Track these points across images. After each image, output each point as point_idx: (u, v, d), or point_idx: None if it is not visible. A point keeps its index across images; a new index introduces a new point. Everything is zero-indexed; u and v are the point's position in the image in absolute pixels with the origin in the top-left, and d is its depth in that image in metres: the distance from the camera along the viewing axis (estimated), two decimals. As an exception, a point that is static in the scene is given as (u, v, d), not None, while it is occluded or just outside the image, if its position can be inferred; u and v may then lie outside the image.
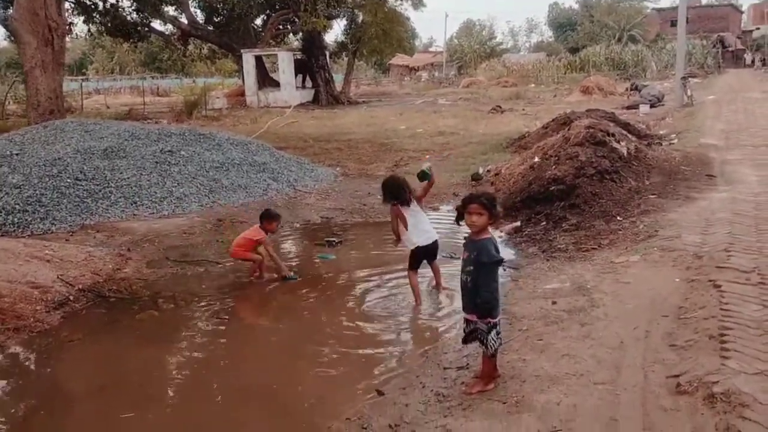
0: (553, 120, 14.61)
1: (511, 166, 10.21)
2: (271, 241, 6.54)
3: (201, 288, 6.18)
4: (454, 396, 3.79)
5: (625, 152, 9.25)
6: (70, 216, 8.34)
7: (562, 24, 77.66)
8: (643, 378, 3.63)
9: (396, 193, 5.59)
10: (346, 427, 3.62)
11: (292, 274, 6.37)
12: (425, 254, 5.66)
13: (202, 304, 5.75)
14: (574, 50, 61.97)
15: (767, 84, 31.00)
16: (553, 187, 7.92)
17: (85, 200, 8.69)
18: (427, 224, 5.74)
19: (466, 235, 3.93)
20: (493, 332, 3.71)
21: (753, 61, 56.83)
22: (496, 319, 3.75)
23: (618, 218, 7.16)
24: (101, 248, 7.20)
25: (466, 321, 3.85)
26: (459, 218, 3.82)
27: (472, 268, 3.70)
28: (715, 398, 3.23)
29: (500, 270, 4.15)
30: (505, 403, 3.58)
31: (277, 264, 6.39)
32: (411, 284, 5.58)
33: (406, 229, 5.58)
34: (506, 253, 6.29)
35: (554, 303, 5.01)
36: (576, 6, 77.43)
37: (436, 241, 5.70)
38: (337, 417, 3.73)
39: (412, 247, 5.60)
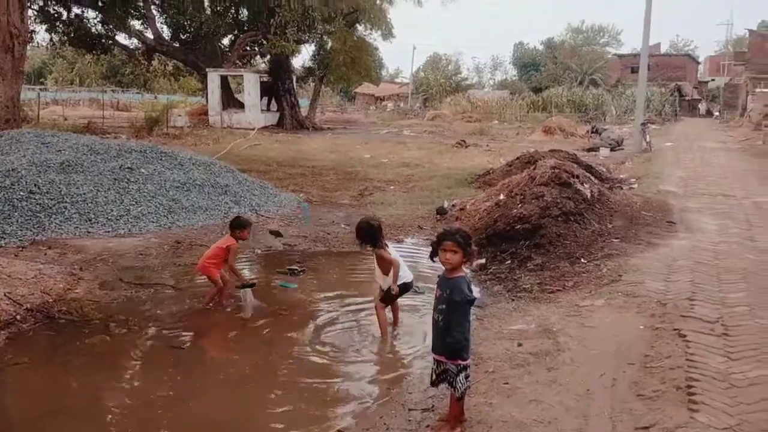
0: (517, 158, 14.77)
1: (477, 202, 10.23)
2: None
3: (156, 313, 5.93)
4: (418, 440, 3.67)
5: (588, 194, 9.35)
6: (21, 230, 8.00)
7: (526, 64, 79.38)
8: (612, 428, 3.58)
9: (375, 238, 5.43)
10: (305, 469, 3.46)
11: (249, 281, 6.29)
12: (404, 292, 5.56)
13: (156, 330, 5.52)
14: (537, 90, 63.33)
15: (721, 134, 32.14)
16: (518, 226, 7.93)
17: (38, 214, 8.35)
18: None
19: (439, 273, 3.85)
20: (462, 374, 3.62)
21: (708, 111, 58.93)
22: (467, 361, 3.66)
23: (582, 260, 7.18)
24: (52, 266, 6.89)
25: (436, 362, 3.75)
26: (433, 254, 3.75)
27: (444, 306, 3.62)
28: (685, 453, 3.19)
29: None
30: (471, 449, 3.48)
31: (237, 275, 6.25)
32: (379, 318, 5.46)
33: (388, 271, 5.44)
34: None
35: (520, 345, 4.95)
36: (540, 47, 79.37)
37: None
38: (297, 458, 3.57)
39: (400, 282, 5.45)
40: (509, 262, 7.43)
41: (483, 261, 7.38)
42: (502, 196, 9.41)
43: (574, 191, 9.08)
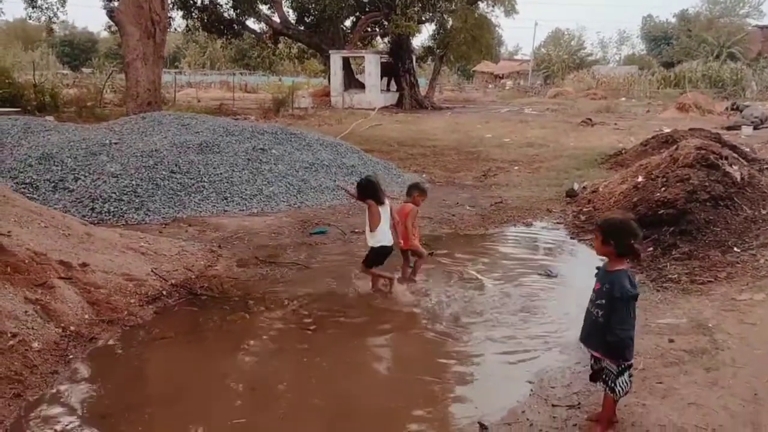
0: (653, 137, 13.91)
1: (611, 184, 9.68)
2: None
3: (290, 291, 6.01)
4: (566, 439, 3.47)
5: (738, 177, 8.58)
6: (164, 208, 8.44)
7: (656, 37, 74.77)
8: (790, 441, 3.21)
9: (372, 192, 5.77)
10: (448, 461, 3.36)
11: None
12: (384, 255, 5.87)
13: (291, 309, 5.58)
14: (668, 65, 59.59)
15: None
16: (662, 211, 7.41)
17: (178, 193, 8.78)
18: (388, 228, 5.89)
19: (599, 264, 3.61)
20: (625, 375, 3.36)
21: None
22: (630, 361, 3.39)
23: (735, 249, 6.60)
24: (193, 243, 7.21)
25: (594, 357, 3.51)
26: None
27: (603, 301, 3.36)
28: None
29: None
30: (626, 454, 3.24)
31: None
32: (366, 273, 5.91)
33: (376, 228, 5.78)
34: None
35: (671, 341, 4.60)
36: (673, 20, 74.48)
37: (391, 248, 5.92)
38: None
39: (377, 245, 5.81)
40: (651, 249, 6.95)
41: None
42: (640, 179, 8.84)
43: (723, 173, 8.36)
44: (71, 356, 4.47)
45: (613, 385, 3.38)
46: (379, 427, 3.84)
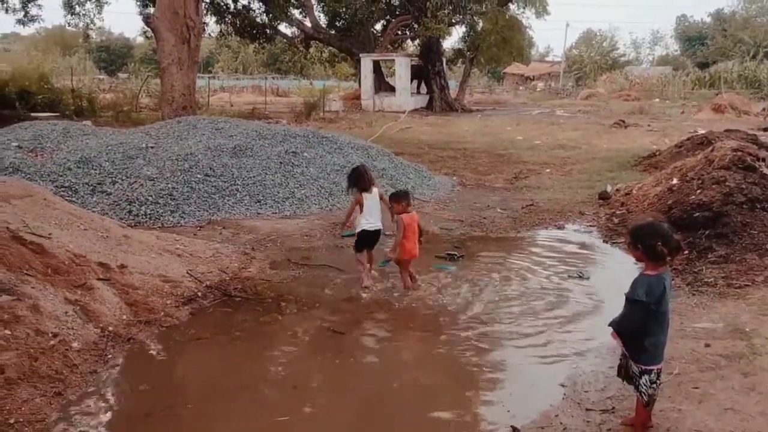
0: (687, 139, 13.71)
1: (644, 187, 9.57)
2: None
3: (322, 294, 6.08)
4: (600, 444, 3.46)
5: (776, 180, 8.42)
6: (199, 211, 8.58)
7: (690, 37, 73.58)
8: (831, 449, 3.15)
9: (357, 181, 6.24)
10: (481, 464, 3.37)
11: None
12: (368, 239, 6.25)
13: (323, 312, 5.62)
14: (703, 65, 58.54)
15: None
16: (697, 213, 7.30)
17: (212, 196, 8.92)
18: (377, 215, 6.26)
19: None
20: (645, 377, 3.36)
21: None
22: (650, 367, 3.38)
23: (773, 253, 6.48)
24: (227, 245, 7.32)
25: (623, 353, 3.55)
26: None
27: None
28: None
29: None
30: (661, 459, 3.21)
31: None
32: (357, 262, 6.27)
33: (362, 213, 6.21)
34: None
35: (708, 345, 4.54)
36: (707, 19, 73.18)
37: (379, 230, 6.30)
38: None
39: (359, 230, 6.23)
40: (687, 252, 6.86)
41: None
42: (675, 181, 8.73)
43: (760, 176, 8.21)
44: (110, 356, 4.57)
45: (637, 384, 3.40)
46: (411, 430, 3.86)
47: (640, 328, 3.36)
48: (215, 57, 72.16)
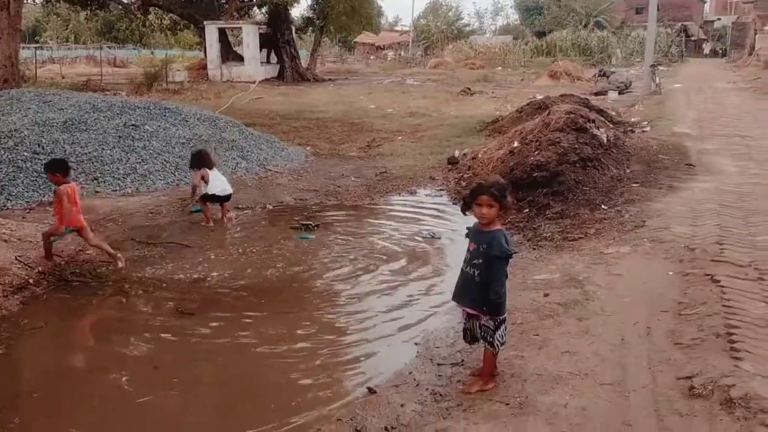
0: (527, 104, 14.45)
1: (489, 150, 10.00)
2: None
3: (168, 272, 5.78)
4: (451, 395, 3.58)
5: (605, 139, 9.12)
6: (27, 192, 7.84)
7: (529, 7, 77.43)
8: (652, 379, 3.46)
9: (200, 162, 7.36)
10: (337, 429, 3.37)
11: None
12: (216, 200, 7.32)
13: (168, 292, 5.34)
14: (540, 34, 62.01)
15: (729, 74, 31.50)
16: (536, 174, 7.73)
17: (42, 175, 8.14)
18: (224, 183, 7.40)
19: (469, 225, 3.68)
20: (501, 329, 3.49)
21: (713, 51, 57.81)
22: (504, 316, 3.52)
23: (603, 207, 7.02)
24: (61, 227, 6.74)
25: (469, 317, 3.61)
26: (465, 208, 3.55)
27: (481, 261, 3.44)
28: (734, 403, 3.07)
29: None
30: (507, 404, 3.37)
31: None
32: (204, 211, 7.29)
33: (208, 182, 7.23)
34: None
35: (546, 295, 4.83)
36: (544, -11, 77.35)
37: (229, 195, 7.41)
38: (328, 418, 3.47)
39: (205, 191, 7.19)
40: (527, 210, 7.26)
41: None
42: (516, 144, 9.18)
43: (591, 136, 8.84)
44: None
45: (491, 339, 3.50)
46: (271, 400, 3.78)
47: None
48: (42, 25, 66.04)
